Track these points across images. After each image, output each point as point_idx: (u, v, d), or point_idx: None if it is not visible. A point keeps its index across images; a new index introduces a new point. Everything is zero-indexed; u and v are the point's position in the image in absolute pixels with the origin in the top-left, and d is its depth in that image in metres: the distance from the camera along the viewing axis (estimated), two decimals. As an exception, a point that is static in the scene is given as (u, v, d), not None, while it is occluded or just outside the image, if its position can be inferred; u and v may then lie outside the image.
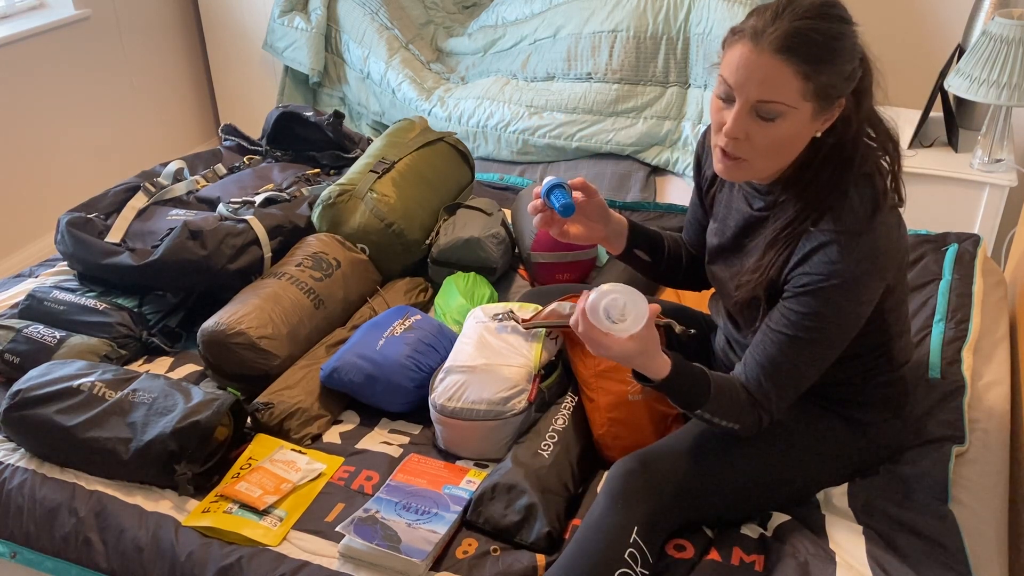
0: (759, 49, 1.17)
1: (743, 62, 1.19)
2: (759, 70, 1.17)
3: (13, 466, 1.61)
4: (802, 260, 1.26)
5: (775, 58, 1.16)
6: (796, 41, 1.16)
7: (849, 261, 1.22)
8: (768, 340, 1.29)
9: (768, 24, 1.17)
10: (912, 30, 3.24)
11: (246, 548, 1.43)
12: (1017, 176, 2.66)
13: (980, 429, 1.60)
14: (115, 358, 1.85)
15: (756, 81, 1.18)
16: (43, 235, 3.40)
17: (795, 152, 1.26)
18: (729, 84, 1.21)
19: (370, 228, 2.07)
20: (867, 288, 1.25)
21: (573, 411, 1.60)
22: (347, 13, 3.50)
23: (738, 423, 1.30)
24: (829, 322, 1.25)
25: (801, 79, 1.17)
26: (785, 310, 1.27)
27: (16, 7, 3.31)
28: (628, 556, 1.27)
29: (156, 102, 3.84)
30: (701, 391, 1.28)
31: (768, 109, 1.19)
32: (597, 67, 3.09)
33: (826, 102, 1.21)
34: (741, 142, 1.24)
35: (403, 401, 1.69)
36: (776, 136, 1.22)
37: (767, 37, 1.17)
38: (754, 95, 1.19)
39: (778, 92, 1.18)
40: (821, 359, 1.29)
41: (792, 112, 1.19)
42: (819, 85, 1.18)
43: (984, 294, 1.97)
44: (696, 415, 1.31)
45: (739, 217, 1.41)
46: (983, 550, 1.36)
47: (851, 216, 1.24)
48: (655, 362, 1.26)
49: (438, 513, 1.44)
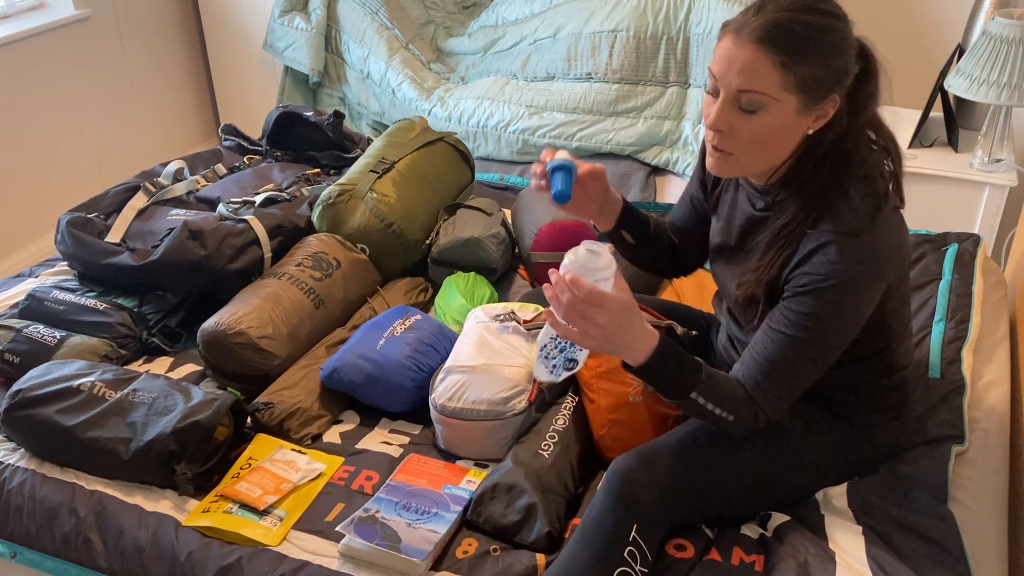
0: (740, 40, 1.19)
1: (725, 53, 1.21)
2: (739, 60, 1.19)
3: (13, 466, 1.61)
4: (802, 260, 1.26)
5: (755, 48, 1.18)
6: (775, 31, 1.17)
7: (848, 262, 1.22)
8: (767, 339, 1.29)
9: (751, 17, 1.19)
10: (912, 30, 3.24)
11: (246, 548, 1.43)
12: (1017, 176, 2.66)
13: (980, 429, 1.60)
14: (115, 358, 1.85)
15: (736, 71, 1.19)
16: (43, 235, 3.40)
17: (784, 148, 1.26)
18: (714, 76, 1.23)
19: (370, 228, 2.07)
20: (867, 289, 1.24)
21: (573, 411, 1.60)
22: (347, 13, 3.50)
23: (732, 414, 1.29)
24: (828, 322, 1.25)
25: (780, 69, 1.17)
26: (785, 310, 1.27)
27: (16, 7, 3.31)
28: (627, 554, 1.27)
29: (156, 102, 3.84)
30: (693, 369, 1.26)
31: (749, 100, 1.20)
32: (597, 67, 3.09)
33: (812, 97, 1.21)
34: (726, 136, 1.24)
35: (403, 401, 1.69)
36: (759, 129, 1.22)
37: (747, 27, 1.18)
38: (734, 85, 1.20)
39: (757, 82, 1.19)
40: (820, 359, 1.28)
41: (774, 104, 1.20)
42: (800, 77, 1.18)
43: (984, 294, 1.97)
44: (690, 400, 1.28)
45: (743, 217, 1.41)
46: (983, 550, 1.36)
47: (851, 217, 1.23)
48: (644, 332, 1.23)
49: (438, 513, 1.44)
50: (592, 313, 1.18)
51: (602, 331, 1.19)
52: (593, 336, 1.20)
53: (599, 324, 1.19)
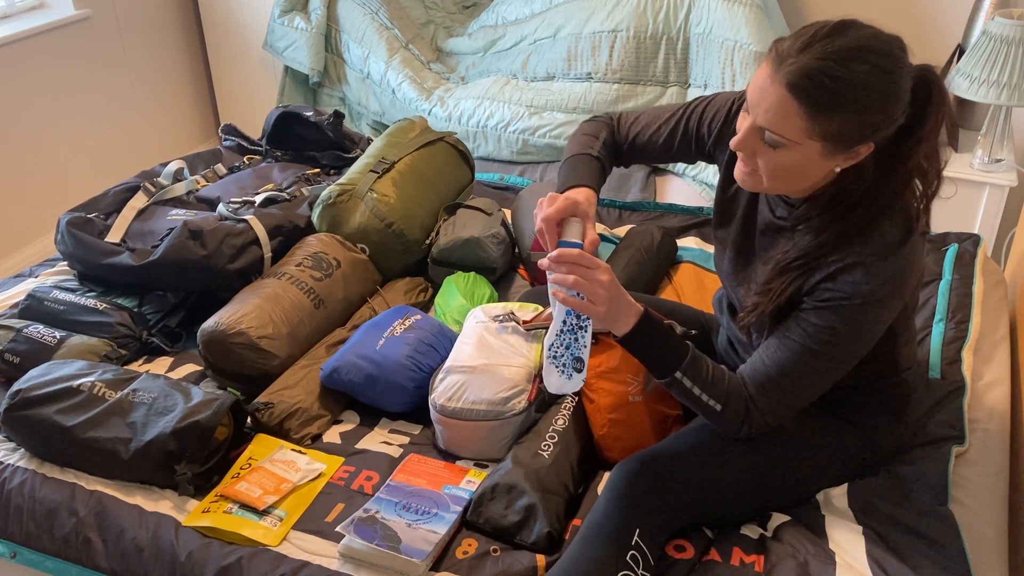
0: (774, 78, 1.15)
1: (759, 84, 1.18)
2: (767, 99, 1.16)
3: (13, 466, 1.61)
4: (826, 277, 1.24)
5: (784, 92, 1.14)
6: (807, 83, 1.12)
7: (875, 283, 1.21)
8: (781, 346, 1.28)
9: (793, 54, 1.13)
10: (912, 30, 3.24)
11: (246, 548, 1.43)
12: (1017, 176, 2.66)
13: (980, 429, 1.60)
14: (115, 358, 1.85)
15: (763, 108, 1.17)
16: (43, 235, 3.40)
17: (810, 181, 1.24)
18: (747, 98, 1.21)
19: (370, 228, 2.06)
20: (886, 309, 1.25)
21: (573, 411, 1.60)
22: (347, 13, 3.50)
23: (720, 403, 1.29)
24: (844, 338, 1.25)
25: (805, 119, 1.14)
26: (803, 321, 1.27)
27: (16, 7, 3.31)
28: (630, 558, 1.27)
29: (156, 102, 3.84)
30: (677, 347, 1.28)
31: (770, 138, 1.18)
32: (597, 67, 3.09)
33: (839, 145, 1.18)
34: (750, 157, 1.23)
35: (403, 401, 1.69)
36: (780, 163, 1.20)
37: (784, 68, 1.14)
38: (760, 120, 1.18)
39: (780, 126, 1.16)
40: (829, 373, 1.28)
41: (795, 146, 1.18)
42: (825, 130, 1.15)
43: (984, 294, 1.97)
44: (676, 380, 1.29)
45: (763, 221, 1.40)
46: (983, 550, 1.35)
47: (880, 240, 1.22)
48: (631, 300, 1.27)
49: (438, 513, 1.44)
50: (594, 274, 1.23)
51: (607, 289, 1.24)
52: (601, 296, 1.24)
53: (603, 281, 1.23)
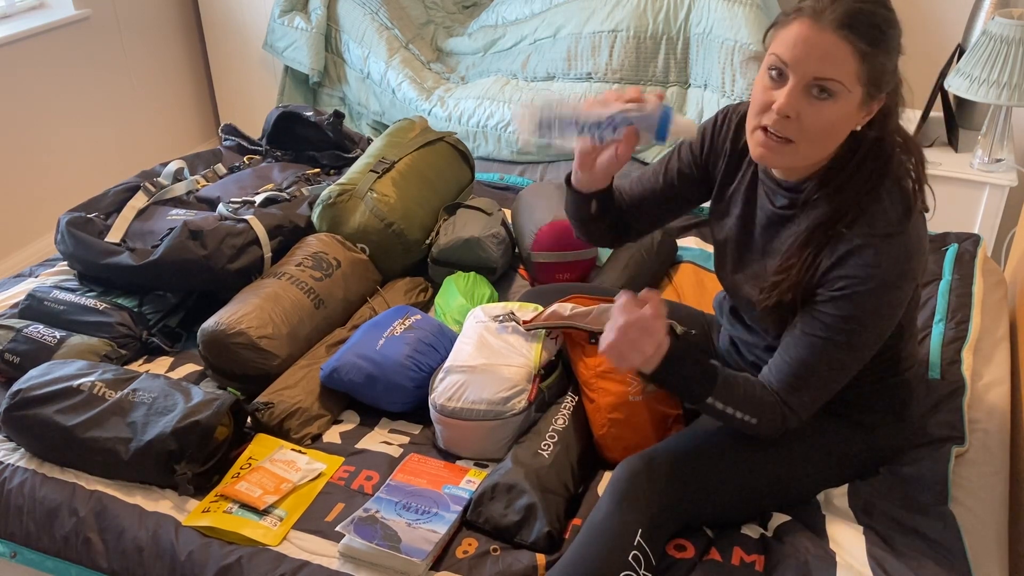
0: (820, 26, 1.17)
1: (802, 38, 1.18)
2: (819, 47, 1.17)
3: (13, 466, 1.61)
4: (836, 264, 1.25)
5: (836, 34, 1.16)
6: (858, 20, 1.16)
7: (886, 263, 1.22)
8: (800, 343, 1.28)
9: (828, 4, 1.17)
10: (912, 30, 3.24)
11: (246, 548, 1.43)
12: (1017, 176, 2.66)
13: (980, 429, 1.60)
14: (115, 358, 1.85)
15: (815, 58, 1.17)
16: (43, 235, 3.40)
17: (837, 141, 1.25)
18: (784, 61, 1.20)
19: (370, 228, 2.07)
20: (901, 290, 1.25)
21: (573, 411, 1.60)
22: (347, 13, 3.50)
23: (756, 417, 1.30)
24: (865, 325, 1.25)
25: (859, 59, 1.17)
26: (819, 313, 1.27)
27: (16, 7, 3.31)
28: (632, 558, 1.27)
29: (156, 102, 3.84)
30: (707, 375, 1.28)
31: (825, 87, 1.18)
32: (597, 67, 3.09)
33: (874, 90, 1.21)
34: (791, 121, 1.21)
35: (403, 401, 1.69)
36: (827, 117, 1.20)
37: (828, 14, 1.16)
38: (812, 71, 1.18)
39: (836, 70, 1.17)
40: (854, 362, 1.29)
41: (845, 94, 1.19)
42: (873, 70, 1.18)
43: (984, 294, 1.97)
44: (708, 405, 1.30)
45: (763, 215, 1.39)
46: (983, 550, 1.36)
47: (883, 219, 1.24)
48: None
49: (438, 513, 1.44)
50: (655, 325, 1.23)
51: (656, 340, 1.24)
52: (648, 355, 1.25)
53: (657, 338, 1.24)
